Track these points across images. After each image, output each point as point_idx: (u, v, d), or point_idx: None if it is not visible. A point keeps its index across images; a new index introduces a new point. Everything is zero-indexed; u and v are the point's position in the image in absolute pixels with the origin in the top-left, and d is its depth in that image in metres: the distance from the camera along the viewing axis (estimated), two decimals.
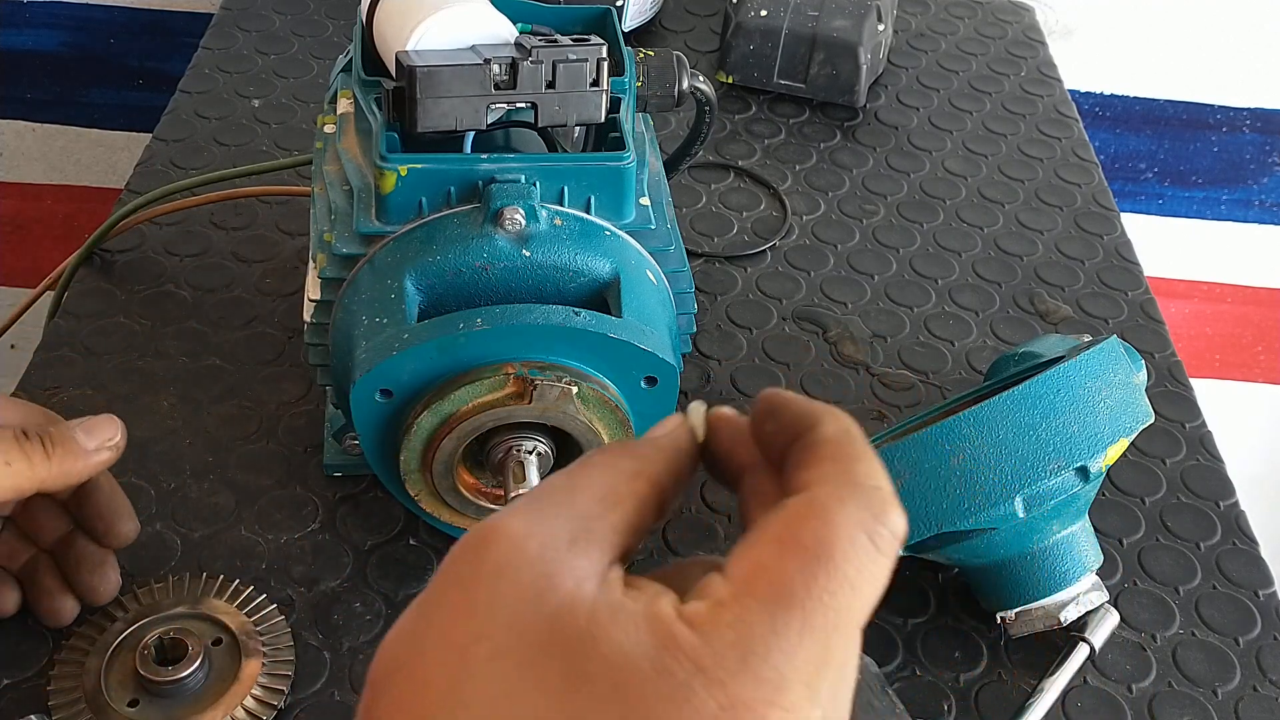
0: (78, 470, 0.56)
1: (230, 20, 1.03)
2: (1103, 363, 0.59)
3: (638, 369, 0.57)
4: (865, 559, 0.31)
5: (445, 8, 0.58)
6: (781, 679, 0.29)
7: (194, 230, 0.82)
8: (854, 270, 0.85)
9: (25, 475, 0.54)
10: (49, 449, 0.55)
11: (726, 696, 0.28)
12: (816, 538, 0.30)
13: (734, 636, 0.29)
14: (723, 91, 1.00)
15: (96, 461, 0.56)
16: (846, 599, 0.30)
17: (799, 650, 0.29)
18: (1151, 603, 0.66)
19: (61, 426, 0.56)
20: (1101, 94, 1.29)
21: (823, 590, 0.30)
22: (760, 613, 0.29)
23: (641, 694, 0.28)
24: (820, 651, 0.30)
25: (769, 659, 0.29)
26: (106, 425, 0.57)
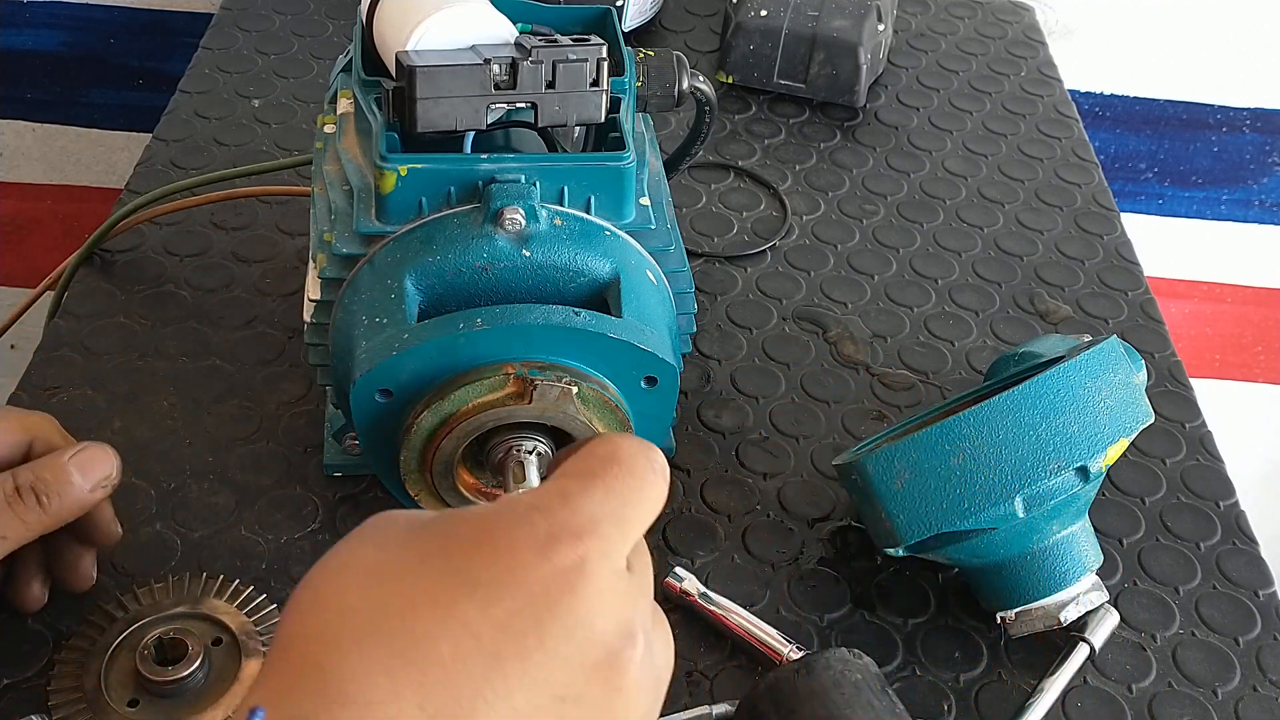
0: (72, 515, 0.56)
1: (230, 20, 1.03)
2: (1103, 363, 0.59)
3: (638, 369, 0.57)
4: (644, 469, 0.41)
5: (445, 8, 0.58)
6: (593, 518, 0.39)
7: (194, 230, 0.82)
8: (854, 270, 0.85)
9: (21, 536, 0.55)
10: (44, 502, 0.55)
11: (553, 521, 0.38)
12: (609, 449, 0.41)
13: (556, 490, 0.40)
14: (723, 91, 1.00)
15: (90, 502, 0.56)
16: (633, 486, 0.40)
17: (605, 504, 0.39)
18: (1151, 603, 0.66)
19: (57, 469, 0.56)
20: (1101, 94, 1.29)
21: (615, 475, 0.40)
22: (573, 480, 0.40)
23: (493, 524, 0.38)
24: (619, 509, 0.40)
25: (582, 505, 0.39)
26: (102, 462, 0.57)
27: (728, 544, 0.67)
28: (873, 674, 0.56)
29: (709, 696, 0.60)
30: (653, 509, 0.42)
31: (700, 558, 0.66)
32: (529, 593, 0.37)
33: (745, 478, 0.70)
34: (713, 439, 0.72)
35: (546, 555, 0.38)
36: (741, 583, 0.65)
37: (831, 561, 0.66)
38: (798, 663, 0.55)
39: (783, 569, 0.66)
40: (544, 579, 0.38)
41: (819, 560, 0.66)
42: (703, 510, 0.68)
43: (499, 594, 0.37)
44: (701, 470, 0.70)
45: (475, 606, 0.37)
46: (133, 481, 0.66)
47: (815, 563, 0.66)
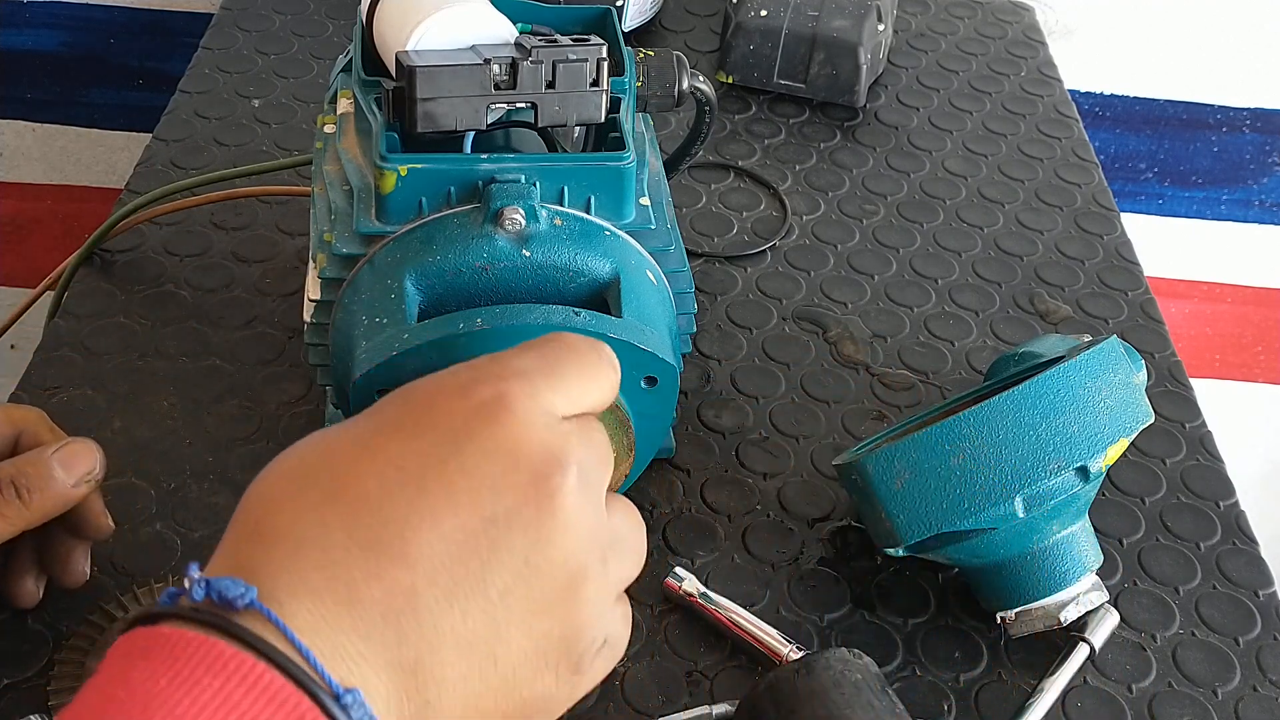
0: (55, 510, 0.56)
1: (230, 20, 1.03)
2: (1103, 363, 0.59)
3: (638, 369, 0.57)
4: (586, 349, 0.43)
5: (445, 8, 0.58)
6: (520, 368, 0.41)
7: (194, 230, 0.82)
8: (854, 270, 0.85)
9: (2, 532, 0.54)
10: (26, 496, 0.54)
11: (476, 370, 0.41)
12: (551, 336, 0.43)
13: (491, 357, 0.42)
14: (723, 91, 1.00)
15: (73, 497, 0.56)
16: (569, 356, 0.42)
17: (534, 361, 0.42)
18: (1151, 603, 0.66)
19: (39, 464, 0.55)
20: (1101, 94, 1.29)
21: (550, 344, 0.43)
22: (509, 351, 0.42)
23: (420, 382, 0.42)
24: (551, 366, 0.42)
25: (510, 360, 0.42)
26: (85, 456, 0.56)
27: (728, 544, 0.67)
28: (873, 674, 0.56)
29: (709, 696, 0.60)
30: (596, 384, 0.43)
31: (700, 558, 0.66)
32: (450, 426, 0.39)
33: (745, 478, 0.70)
34: (713, 439, 0.72)
35: (467, 394, 0.40)
36: (741, 583, 0.65)
37: (831, 561, 0.66)
38: (798, 663, 0.55)
39: (783, 569, 0.66)
40: (465, 413, 0.40)
41: (819, 560, 0.66)
42: (703, 510, 0.68)
43: (421, 430, 0.39)
44: (701, 470, 0.70)
45: (398, 443, 0.39)
46: (133, 481, 0.66)
47: (815, 563, 0.66)
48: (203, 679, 0.34)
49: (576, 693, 0.42)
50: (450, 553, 0.38)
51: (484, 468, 0.39)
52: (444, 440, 0.39)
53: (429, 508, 0.38)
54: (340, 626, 0.37)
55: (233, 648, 0.35)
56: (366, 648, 0.37)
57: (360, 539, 0.38)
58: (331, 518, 0.38)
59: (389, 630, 0.37)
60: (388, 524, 0.38)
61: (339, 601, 0.37)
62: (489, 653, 0.39)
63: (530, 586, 0.39)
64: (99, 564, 0.62)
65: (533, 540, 0.39)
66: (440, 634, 0.38)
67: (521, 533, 0.39)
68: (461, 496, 0.39)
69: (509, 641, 0.39)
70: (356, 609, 0.37)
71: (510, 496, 0.39)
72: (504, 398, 0.40)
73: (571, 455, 0.40)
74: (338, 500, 0.39)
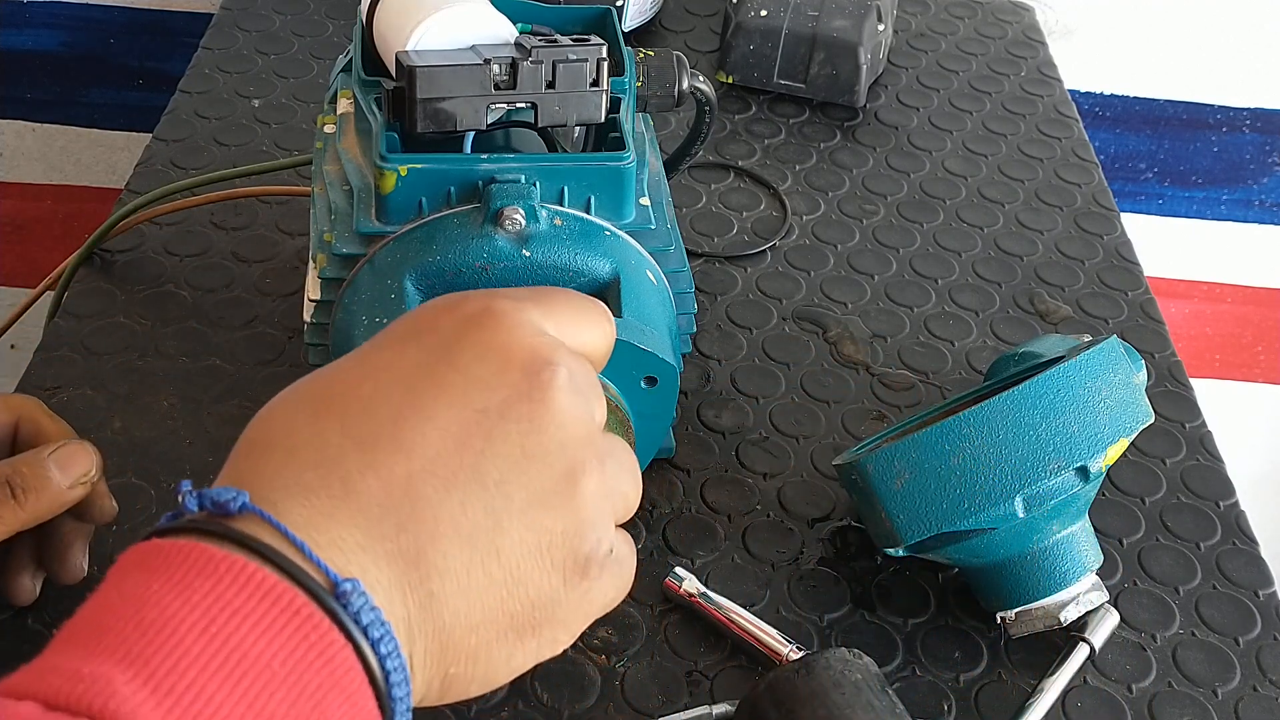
0: (51, 512, 0.56)
1: (230, 20, 1.03)
2: (1103, 363, 0.59)
3: (638, 369, 0.57)
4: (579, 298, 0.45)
5: (445, 8, 0.58)
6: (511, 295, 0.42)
7: (194, 230, 0.82)
8: (854, 270, 0.85)
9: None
10: (20, 497, 0.54)
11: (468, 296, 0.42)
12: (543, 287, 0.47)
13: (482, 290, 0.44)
14: (723, 91, 1.00)
15: (69, 499, 0.56)
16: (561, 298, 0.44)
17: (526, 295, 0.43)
18: (1151, 603, 0.66)
19: (36, 464, 0.55)
20: (1101, 94, 1.29)
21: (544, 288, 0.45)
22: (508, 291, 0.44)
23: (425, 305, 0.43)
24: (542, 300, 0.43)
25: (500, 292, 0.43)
26: (81, 458, 0.56)
27: (728, 544, 0.67)
28: (873, 674, 0.56)
29: (709, 696, 0.60)
30: (587, 322, 0.44)
31: (700, 558, 0.66)
32: (440, 335, 0.41)
33: (745, 478, 0.70)
34: (713, 439, 0.72)
35: (456, 309, 0.42)
36: (741, 583, 0.65)
37: (831, 561, 0.66)
38: (798, 663, 0.55)
39: (783, 569, 0.66)
40: (455, 323, 0.41)
41: (819, 560, 0.66)
42: (703, 510, 0.68)
43: (413, 340, 0.41)
44: (701, 470, 0.70)
45: (391, 353, 0.41)
46: (133, 481, 0.66)
47: (815, 563, 0.66)
48: (194, 581, 0.34)
49: (586, 605, 0.42)
50: (445, 443, 0.38)
51: (475, 366, 0.40)
52: (436, 346, 0.40)
53: (423, 403, 0.39)
54: (337, 519, 0.37)
55: (224, 550, 0.35)
56: (365, 538, 0.37)
57: (355, 435, 0.38)
58: (326, 421, 0.39)
59: (387, 520, 0.37)
60: (382, 421, 0.39)
61: (334, 496, 0.37)
62: (490, 544, 0.39)
63: (527, 475, 0.39)
64: (99, 563, 0.62)
65: (526, 429, 0.39)
66: (440, 523, 0.38)
67: (515, 422, 0.39)
68: (455, 391, 0.39)
69: (510, 533, 0.39)
70: (353, 500, 0.37)
71: (503, 390, 0.40)
72: (492, 309, 0.41)
73: (560, 358, 0.41)
74: (331, 405, 0.39)
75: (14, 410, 0.58)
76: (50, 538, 0.59)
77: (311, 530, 0.37)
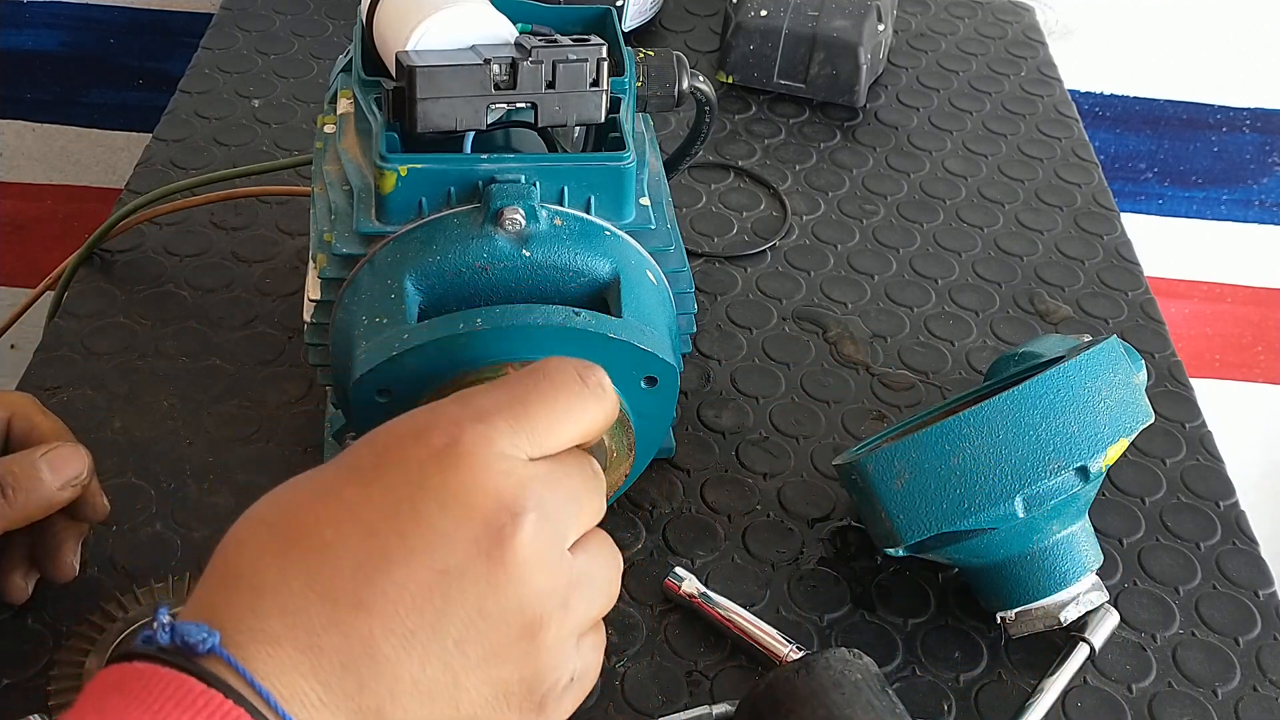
0: (40, 513, 0.56)
1: (230, 20, 1.03)
2: (1103, 363, 0.59)
3: (638, 369, 0.57)
4: (567, 379, 0.43)
5: (445, 8, 0.58)
6: (480, 408, 0.41)
7: (194, 230, 0.82)
8: (854, 270, 0.85)
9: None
10: (11, 495, 0.54)
11: (436, 413, 0.42)
12: (535, 364, 0.44)
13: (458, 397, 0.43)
14: (723, 91, 1.00)
15: (59, 501, 0.56)
16: (542, 389, 0.42)
17: (499, 398, 0.42)
18: (1151, 603, 0.66)
19: (27, 465, 0.55)
20: (1101, 94, 1.29)
21: (524, 379, 0.43)
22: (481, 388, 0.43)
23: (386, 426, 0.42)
24: (515, 404, 0.42)
25: (473, 399, 0.42)
26: (73, 460, 0.56)
27: (728, 544, 0.67)
28: (873, 674, 0.56)
29: (709, 696, 0.60)
30: (573, 420, 0.43)
31: (700, 558, 0.66)
32: (404, 473, 0.40)
33: (745, 478, 0.70)
34: (713, 439, 0.72)
35: (422, 439, 0.41)
36: (741, 583, 0.65)
37: (831, 561, 0.66)
38: (798, 663, 0.55)
39: (783, 569, 0.66)
40: (420, 459, 0.40)
41: (819, 560, 0.66)
42: (703, 510, 0.68)
43: (377, 476, 0.40)
44: (701, 470, 0.70)
45: (355, 489, 0.40)
46: (133, 481, 0.66)
47: (815, 563, 0.66)
48: (173, 713, 0.35)
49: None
50: (405, 602, 0.39)
51: (436, 518, 0.39)
52: (398, 486, 0.40)
53: (383, 557, 0.39)
54: (301, 672, 0.38)
55: (201, 685, 0.36)
56: (327, 695, 0.38)
57: (319, 587, 0.39)
58: (290, 566, 0.39)
59: (349, 678, 0.38)
60: (343, 573, 0.39)
61: (299, 649, 0.38)
62: (450, 699, 0.39)
63: (485, 635, 0.40)
64: (98, 563, 0.62)
65: (484, 591, 0.39)
66: (400, 681, 0.39)
67: (473, 584, 0.39)
68: (416, 545, 0.39)
69: (468, 689, 0.40)
70: (316, 656, 0.38)
71: (462, 548, 0.39)
72: (458, 444, 0.40)
73: (528, 502, 0.40)
74: (295, 547, 0.39)
75: (8, 407, 0.58)
76: (43, 536, 0.59)
77: (277, 680, 0.37)
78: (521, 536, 0.40)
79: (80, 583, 0.61)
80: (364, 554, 0.39)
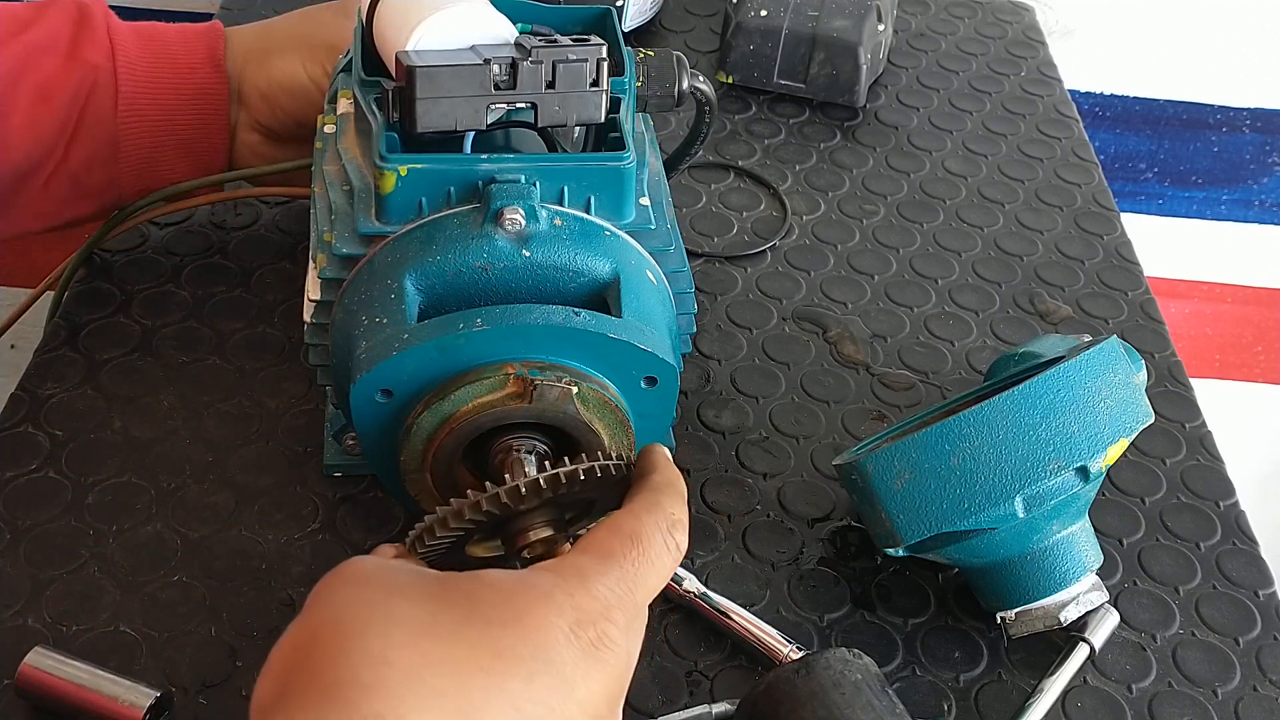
0: None
1: (230, 20, 1.03)
2: (1103, 363, 0.59)
3: (638, 369, 0.57)
4: (660, 550, 0.46)
5: (445, 8, 0.58)
6: (607, 602, 0.44)
7: (194, 230, 0.82)
8: (854, 270, 0.85)
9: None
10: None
11: (575, 600, 0.43)
12: (632, 528, 0.46)
13: (575, 569, 0.44)
14: (723, 91, 1.00)
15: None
16: (646, 570, 0.45)
17: (616, 587, 0.44)
18: (1151, 603, 0.66)
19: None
20: (1101, 94, 1.29)
21: (633, 559, 0.45)
22: (593, 562, 0.45)
23: (519, 597, 0.43)
24: (628, 594, 0.44)
25: (598, 587, 0.44)
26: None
27: (728, 544, 0.67)
28: (873, 674, 0.56)
29: (709, 696, 0.60)
30: (661, 582, 0.47)
31: (700, 558, 0.66)
32: (561, 671, 0.42)
33: (745, 478, 0.70)
34: (713, 439, 0.72)
35: (574, 637, 0.43)
36: (741, 583, 0.65)
37: (831, 561, 0.66)
38: (798, 663, 0.55)
39: (783, 569, 0.66)
40: (573, 659, 0.42)
41: (819, 560, 0.66)
42: (703, 510, 0.68)
43: (538, 670, 0.42)
44: (701, 470, 0.70)
45: (519, 682, 0.41)
46: (133, 481, 0.66)
47: (815, 563, 0.66)
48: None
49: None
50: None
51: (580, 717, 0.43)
52: (559, 685, 0.42)
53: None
54: None
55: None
56: None
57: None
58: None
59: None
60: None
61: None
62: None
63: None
64: (98, 563, 0.62)
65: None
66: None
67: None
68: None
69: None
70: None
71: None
72: (599, 645, 0.43)
73: (624, 690, 0.45)
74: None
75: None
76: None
77: None
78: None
79: (80, 582, 0.61)
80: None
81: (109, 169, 0.73)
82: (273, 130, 0.76)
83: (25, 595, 0.61)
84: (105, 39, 0.71)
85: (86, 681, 0.56)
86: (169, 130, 0.74)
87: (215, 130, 0.75)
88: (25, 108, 0.70)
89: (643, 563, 0.45)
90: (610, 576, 0.44)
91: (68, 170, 0.72)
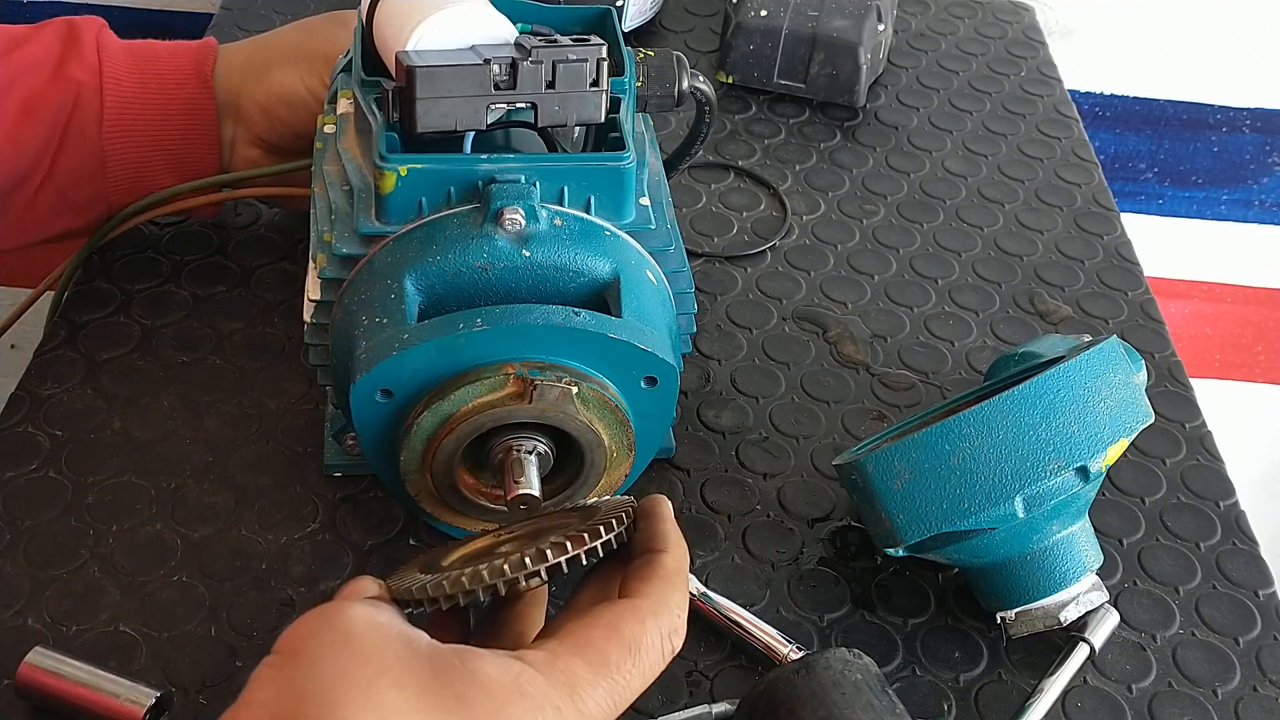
0: None
1: (230, 20, 1.03)
2: (1103, 363, 0.59)
3: (638, 369, 0.57)
4: (656, 659, 0.46)
5: (445, 8, 0.58)
6: (594, 717, 0.44)
7: (194, 230, 0.82)
8: (854, 270, 0.85)
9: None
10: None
11: (563, 716, 0.43)
12: (634, 635, 0.46)
13: (566, 678, 0.44)
14: (723, 91, 1.00)
15: None
16: (637, 680, 0.46)
17: (604, 700, 0.44)
18: (1151, 603, 0.66)
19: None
20: (1101, 94, 1.29)
21: (626, 669, 0.45)
22: (585, 670, 0.44)
23: (510, 708, 0.43)
24: (616, 707, 0.45)
25: (587, 702, 0.44)
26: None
27: (728, 544, 0.67)
28: (873, 674, 0.56)
29: (709, 696, 0.60)
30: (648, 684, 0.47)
31: (700, 558, 0.66)
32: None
33: (745, 478, 0.70)
34: (713, 439, 0.72)
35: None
36: (741, 583, 0.65)
37: (831, 561, 0.66)
38: (797, 663, 0.55)
39: (783, 569, 0.66)
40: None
41: (819, 560, 0.66)
42: (703, 510, 0.68)
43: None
44: (701, 470, 0.70)
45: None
46: (133, 481, 0.66)
47: (815, 563, 0.66)
48: None
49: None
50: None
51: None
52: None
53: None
54: None
55: None
56: None
57: None
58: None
59: None
60: None
61: None
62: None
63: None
64: (98, 563, 0.62)
65: None
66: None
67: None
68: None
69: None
70: None
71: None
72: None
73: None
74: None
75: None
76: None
77: None
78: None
79: (80, 582, 0.61)
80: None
81: (97, 182, 0.74)
82: (272, 144, 0.76)
83: (25, 595, 0.61)
84: (93, 56, 0.72)
85: (86, 681, 0.56)
86: (156, 145, 0.74)
87: (204, 145, 0.75)
88: (9, 123, 0.71)
89: (636, 674, 0.45)
90: (599, 690, 0.45)
91: (54, 184, 0.73)
